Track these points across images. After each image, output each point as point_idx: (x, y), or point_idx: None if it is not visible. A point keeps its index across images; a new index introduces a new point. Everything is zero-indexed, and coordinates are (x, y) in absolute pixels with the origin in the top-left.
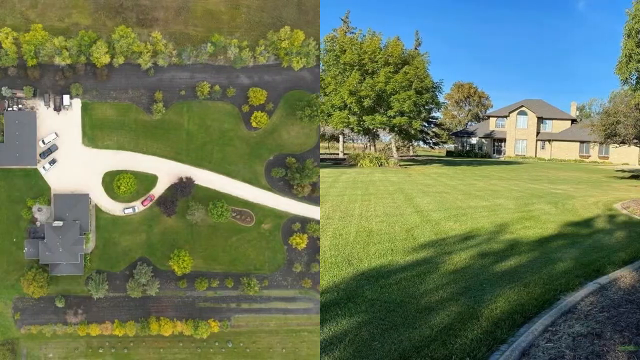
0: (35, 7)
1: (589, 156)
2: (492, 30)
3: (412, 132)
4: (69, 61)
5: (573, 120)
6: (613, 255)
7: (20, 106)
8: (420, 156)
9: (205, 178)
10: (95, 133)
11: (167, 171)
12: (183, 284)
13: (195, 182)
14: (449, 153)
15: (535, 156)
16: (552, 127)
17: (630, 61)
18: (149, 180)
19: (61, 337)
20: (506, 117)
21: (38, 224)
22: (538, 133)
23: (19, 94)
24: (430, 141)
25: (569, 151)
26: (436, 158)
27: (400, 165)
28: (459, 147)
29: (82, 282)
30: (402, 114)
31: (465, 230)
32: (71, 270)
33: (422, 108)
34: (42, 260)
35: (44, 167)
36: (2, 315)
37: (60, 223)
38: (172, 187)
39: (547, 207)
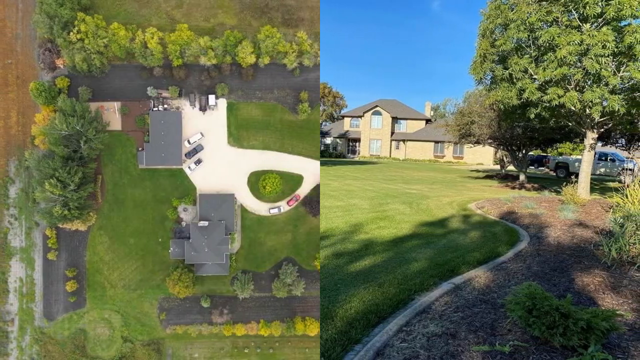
0: (181, 7)
1: (443, 156)
2: (347, 30)
3: None
4: (214, 61)
5: (428, 120)
6: (467, 255)
7: (165, 106)
8: None
9: None
10: (240, 133)
11: (312, 171)
12: None
13: None
14: None
15: (390, 156)
16: (406, 127)
17: (484, 61)
18: (295, 180)
19: (206, 337)
20: (361, 117)
21: (183, 224)
22: (393, 133)
23: (165, 94)
24: None
25: (424, 151)
26: None
27: None
28: None
29: (228, 282)
30: None
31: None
32: (217, 271)
33: None
34: (187, 260)
35: (189, 167)
36: (148, 316)
37: (205, 223)
38: (317, 187)
39: (402, 207)
